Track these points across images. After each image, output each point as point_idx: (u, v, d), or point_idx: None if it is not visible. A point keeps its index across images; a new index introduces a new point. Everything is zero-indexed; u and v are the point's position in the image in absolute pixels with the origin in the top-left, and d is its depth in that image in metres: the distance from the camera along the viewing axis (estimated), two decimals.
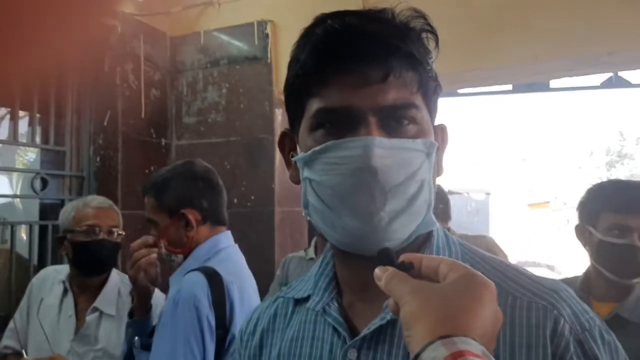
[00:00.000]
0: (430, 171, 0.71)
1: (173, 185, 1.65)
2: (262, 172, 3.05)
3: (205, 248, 1.64)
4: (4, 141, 2.63)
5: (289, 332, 0.81)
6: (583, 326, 0.67)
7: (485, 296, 0.55)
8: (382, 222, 0.67)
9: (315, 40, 0.70)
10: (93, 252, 1.94)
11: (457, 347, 0.49)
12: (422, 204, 0.70)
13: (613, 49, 2.49)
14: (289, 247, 3.08)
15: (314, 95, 0.70)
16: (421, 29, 0.73)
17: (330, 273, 0.81)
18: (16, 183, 3.48)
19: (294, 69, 0.74)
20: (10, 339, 2.07)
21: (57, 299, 2.01)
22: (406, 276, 0.59)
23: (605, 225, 1.62)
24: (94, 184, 2.93)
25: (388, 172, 0.66)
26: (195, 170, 1.70)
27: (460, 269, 0.58)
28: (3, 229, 2.79)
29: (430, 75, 0.72)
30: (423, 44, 0.72)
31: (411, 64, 0.69)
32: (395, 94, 0.68)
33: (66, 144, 2.90)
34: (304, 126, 0.73)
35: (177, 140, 3.31)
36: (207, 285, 1.50)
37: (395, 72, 0.68)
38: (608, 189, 1.68)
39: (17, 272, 2.70)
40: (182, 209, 1.62)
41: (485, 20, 2.64)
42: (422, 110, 0.71)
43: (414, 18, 0.72)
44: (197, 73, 3.28)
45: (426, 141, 0.70)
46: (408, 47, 0.69)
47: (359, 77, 0.67)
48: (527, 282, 0.71)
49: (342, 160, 0.67)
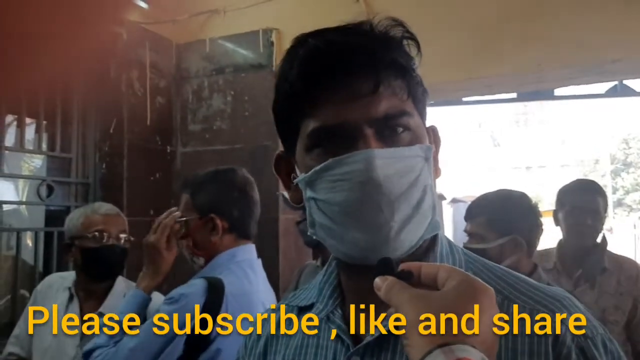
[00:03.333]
0: (430, 175, 0.72)
1: (210, 188, 1.68)
2: (266, 180, 3.04)
3: (223, 259, 1.65)
4: (11, 148, 2.65)
5: (293, 339, 0.82)
6: (585, 334, 0.67)
7: (484, 302, 0.55)
8: (392, 231, 0.67)
9: (301, 60, 0.71)
10: (102, 258, 1.95)
11: (456, 355, 0.49)
12: (427, 208, 0.71)
13: (617, 57, 2.49)
14: (293, 254, 3.08)
15: (306, 115, 0.71)
16: (402, 37, 0.73)
17: (335, 281, 0.81)
18: (22, 190, 3.50)
19: (282, 90, 0.74)
20: (14, 345, 2.08)
21: (63, 305, 2.01)
22: (405, 285, 0.59)
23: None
24: (99, 191, 2.94)
25: (391, 182, 0.67)
26: (235, 179, 1.73)
27: (459, 275, 0.58)
28: (9, 236, 2.80)
29: (417, 81, 0.73)
30: (405, 51, 0.73)
31: (398, 72, 0.70)
32: (387, 104, 0.69)
33: (72, 150, 2.92)
34: (300, 146, 0.73)
35: (182, 148, 3.32)
36: (205, 292, 1.51)
37: (384, 82, 0.69)
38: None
39: (23, 278, 2.71)
40: (212, 213, 1.64)
41: (490, 28, 2.65)
42: (415, 116, 0.72)
43: (393, 27, 0.73)
44: (203, 80, 3.30)
45: (423, 146, 0.71)
46: (393, 56, 0.70)
47: (349, 91, 0.68)
48: (529, 290, 0.71)
49: (344, 176, 0.68)
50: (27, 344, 2.05)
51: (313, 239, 0.76)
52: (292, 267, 2.96)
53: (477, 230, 1.88)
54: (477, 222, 1.88)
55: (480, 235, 1.86)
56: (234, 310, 1.53)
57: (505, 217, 1.86)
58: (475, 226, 1.88)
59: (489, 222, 1.85)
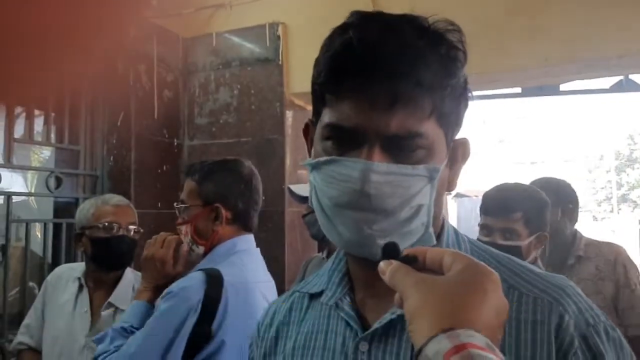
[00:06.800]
0: (431, 195, 0.71)
1: (217, 178, 1.68)
2: (272, 173, 3.07)
3: (223, 249, 1.65)
4: (20, 139, 2.67)
5: (304, 325, 0.84)
6: (588, 322, 0.68)
7: (488, 287, 0.55)
8: (371, 238, 0.69)
9: (333, 51, 0.70)
10: (113, 248, 1.98)
11: (460, 339, 0.48)
12: (417, 226, 0.72)
13: (624, 52, 2.49)
14: (298, 247, 3.10)
15: (326, 105, 0.73)
16: (453, 45, 0.70)
17: (343, 269, 0.83)
18: (31, 181, 3.53)
19: (315, 72, 0.75)
20: (24, 335, 2.11)
21: (72, 295, 2.04)
22: (410, 269, 0.59)
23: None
24: (107, 183, 2.97)
25: (382, 197, 0.68)
26: (242, 170, 1.73)
27: (464, 259, 0.58)
28: (18, 227, 2.82)
29: (453, 96, 0.71)
30: (444, 64, 0.69)
31: (422, 89, 0.67)
32: (400, 123, 0.67)
33: (80, 143, 2.95)
34: (318, 129, 0.75)
35: (189, 141, 3.35)
36: (204, 284, 1.50)
37: (403, 99, 0.66)
38: (488, 193, 2.00)
39: (32, 269, 2.74)
40: (217, 203, 1.65)
41: (496, 22, 2.65)
42: (431, 135, 0.70)
43: (450, 32, 0.71)
44: (209, 74, 3.32)
45: (429, 167, 0.70)
46: (420, 74, 0.66)
47: (367, 99, 0.67)
48: (533, 278, 0.73)
49: (340, 176, 0.69)
50: (37, 334, 2.08)
51: (319, 231, 0.78)
52: (297, 259, 2.98)
53: (512, 226, 1.85)
54: (514, 218, 1.85)
55: (517, 231, 1.84)
56: (233, 301, 1.53)
57: (540, 216, 1.88)
58: (511, 222, 1.85)
59: (525, 219, 1.85)
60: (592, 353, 0.66)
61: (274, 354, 0.86)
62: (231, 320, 1.52)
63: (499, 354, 0.49)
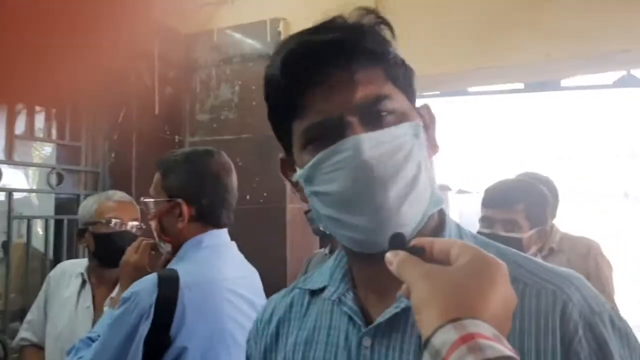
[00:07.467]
0: (422, 150, 0.73)
1: (180, 171, 1.56)
2: (273, 169, 3.02)
3: (189, 246, 1.55)
4: (21, 136, 2.67)
5: (305, 321, 0.83)
6: (592, 310, 0.68)
7: (496, 278, 0.55)
8: (392, 211, 0.68)
9: (281, 66, 0.74)
10: (116, 243, 1.98)
11: (467, 330, 0.48)
12: (425, 183, 0.72)
13: (627, 47, 2.48)
14: (300, 244, 3.10)
15: (296, 117, 0.74)
16: (375, 23, 0.75)
17: (346, 265, 0.83)
18: (32, 178, 3.53)
19: (270, 96, 0.79)
20: (27, 331, 2.11)
21: (75, 290, 2.05)
22: (417, 260, 0.59)
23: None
24: (108, 179, 2.97)
25: (383, 162, 0.68)
26: (209, 164, 1.59)
27: (471, 250, 0.57)
28: (19, 223, 2.83)
29: (395, 63, 0.75)
30: (379, 37, 0.75)
31: (372, 59, 0.72)
32: (364, 91, 0.71)
33: (82, 139, 2.95)
34: (296, 147, 0.76)
35: (190, 137, 3.34)
36: (156, 288, 1.40)
37: (359, 71, 0.71)
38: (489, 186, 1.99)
39: (33, 266, 2.74)
40: (179, 198, 1.53)
41: (498, 17, 2.64)
42: (397, 97, 0.74)
43: (364, 16, 0.75)
44: (211, 70, 3.31)
45: (411, 124, 0.73)
46: (364, 44, 0.72)
47: (327, 86, 0.71)
48: (538, 269, 0.73)
49: (337, 165, 0.70)
50: (40, 330, 2.08)
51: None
52: (299, 256, 2.98)
53: (514, 217, 1.85)
54: (516, 210, 1.85)
55: (518, 223, 1.84)
56: (190, 302, 1.42)
57: (541, 209, 1.88)
58: (513, 213, 1.85)
59: (526, 211, 1.85)
60: (597, 341, 0.66)
61: (274, 350, 0.86)
62: (191, 324, 1.41)
63: (506, 344, 0.48)
